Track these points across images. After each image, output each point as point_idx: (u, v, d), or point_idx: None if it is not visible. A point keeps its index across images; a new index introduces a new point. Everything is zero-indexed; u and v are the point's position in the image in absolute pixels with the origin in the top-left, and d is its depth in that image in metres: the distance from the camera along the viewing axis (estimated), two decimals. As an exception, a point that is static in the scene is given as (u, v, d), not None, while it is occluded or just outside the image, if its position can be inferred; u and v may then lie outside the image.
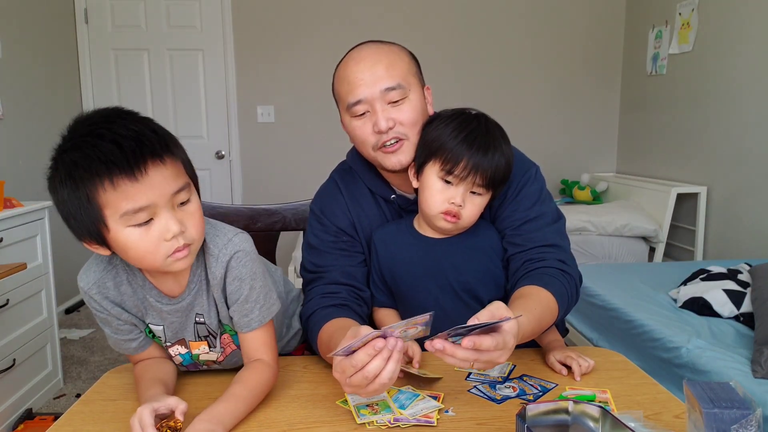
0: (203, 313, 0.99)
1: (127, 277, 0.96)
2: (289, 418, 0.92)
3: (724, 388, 0.69)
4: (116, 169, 0.78)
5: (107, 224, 0.82)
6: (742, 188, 3.09)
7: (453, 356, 0.80)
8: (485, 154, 1.05)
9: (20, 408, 2.33)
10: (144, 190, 0.80)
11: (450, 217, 1.08)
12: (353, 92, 1.10)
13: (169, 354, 1.04)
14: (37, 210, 2.45)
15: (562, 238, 1.16)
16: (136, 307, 0.98)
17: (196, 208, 0.88)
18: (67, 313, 3.67)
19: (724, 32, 3.20)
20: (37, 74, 3.43)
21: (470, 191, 1.08)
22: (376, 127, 1.09)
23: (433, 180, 1.09)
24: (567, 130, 4.38)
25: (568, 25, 4.25)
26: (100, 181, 0.78)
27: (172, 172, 0.84)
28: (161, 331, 1.00)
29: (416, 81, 1.14)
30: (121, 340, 1.00)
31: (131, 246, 0.83)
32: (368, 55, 1.12)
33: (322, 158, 4.35)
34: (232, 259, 0.95)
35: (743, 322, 2.03)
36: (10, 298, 2.25)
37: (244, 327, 0.99)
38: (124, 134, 0.80)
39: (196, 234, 0.88)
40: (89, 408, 0.96)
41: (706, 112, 3.35)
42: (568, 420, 0.77)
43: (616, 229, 3.41)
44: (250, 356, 1.01)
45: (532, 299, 1.02)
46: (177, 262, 0.86)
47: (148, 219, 0.82)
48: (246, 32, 4.08)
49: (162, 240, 0.83)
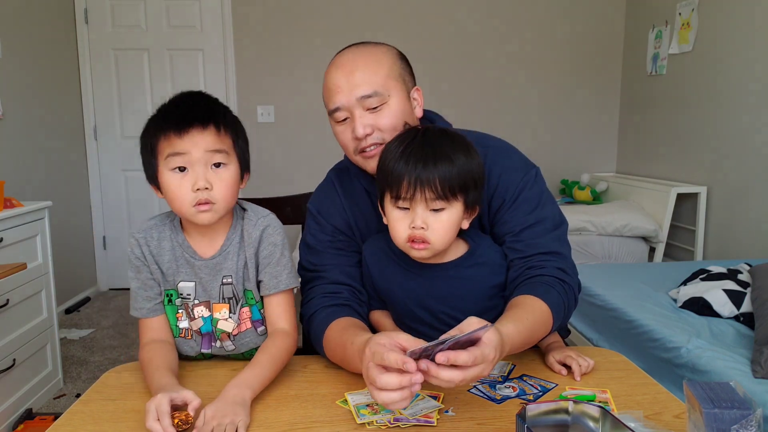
0: (231, 275, 1.10)
1: (171, 234, 1.11)
2: (289, 417, 0.92)
3: (724, 388, 0.69)
4: (169, 125, 1.01)
5: (158, 167, 1.03)
6: (742, 188, 3.09)
7: (437, 377, 0.79)
8: (425, 166, 0.98)
9: (20, 408, 2.33)
10: (183, 143, 1.01)
11: (417, 244, 1.01)
12: (332, 99, 1.11)
13: (188, 326, 1.13)
14: (37, 210, 2.45)
15: (562, 245, 1.14)
16: (170, 263, 1.11)
17: (229, 176, 1.04)
18: (67, 313, 3.67)
19: (724, 32, 3.20)
20: (37, 74, 3.42)
21: (430, 209, 1.00)
22: (353, 133, 1.10)
23: (390, 211, 1.04)
24: (567, 130, 4.38)
25: (568, 26, 4.25)
26: (156, 133, 1.03)
27: (211, 138, 1.02)
28: (192, 288, 1.11)
29: (398, 84, 1.12)
30: (141, 296, 1.11)
31: (168, 188, 1.03)
32: (347, 61, 1.11)
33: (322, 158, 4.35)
34: (268, 227, 1.11)
35: (743, 322, 2.03)
36: (10, 298, 2.25)
37: (272, 288, 1.11)
38: (185, 104, 1.05)
39: (220, 196, 1.03)
40: (89, 408, 0.97)
41: (706, 112, 3.35)
42: (568, 420, 0.77)
43: (616, 229, 3.41)
44: (273, 323, 1.11)
45: (524, 309, 1.00)
46: (200, 214, 1.03)
47: (183, 167, 1.01)
48: (246, 32, 4.08)
49: (190, 190, 1.01)
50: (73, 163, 3.89)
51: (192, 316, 1.12)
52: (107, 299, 4.00)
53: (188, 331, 1.14)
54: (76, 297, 3.86)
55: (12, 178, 2.97)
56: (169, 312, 1.13)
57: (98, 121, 4.07)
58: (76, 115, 3.96)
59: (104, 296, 4.08)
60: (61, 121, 3.72)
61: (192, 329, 1.13)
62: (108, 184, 4.14)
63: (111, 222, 4.17)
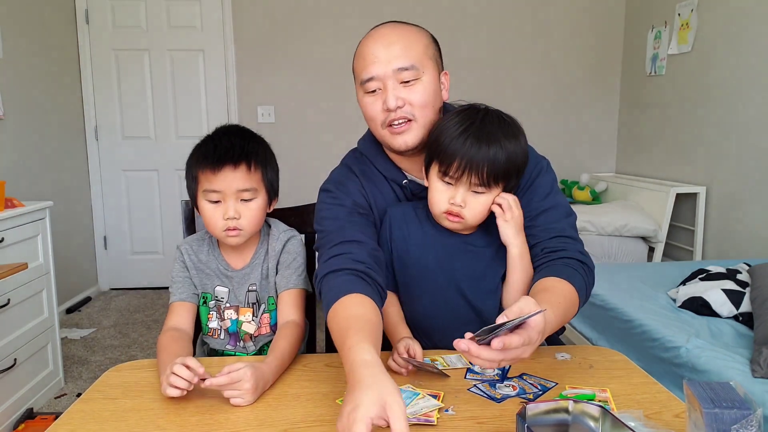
0: (256, 283, 1.28)
1: (209, 249, 1.31)
2: (290, 417, 0.92)
3: (724, 388, 0.70)
4: (207, 163, 1.19)
5: (197, 194, 1.22)
6: (741, 188, 3.09)
7: (479, 357, 0.81)
8: (478, 149, 1.04)
9: (21, 407, 2.33)
10: (217, 181, 1.18)
11: (453, 216, 1.09)
12: (367, 68, 1.12)
13: (216, 326, 1.30)
14: (38, 210, 2.45)
15: (577, 233, 1.18)
16: (209, 269, 1.29)
17: (256, 207, 1.22)
18: (68, 313, 3.67)
19: (723, 32, 3.20)
20: (38, 74, 3.43)
21: (471, 190, 1.08)
22: (385, 105, 1.11)
23: (434, 180, 1.11)
24: (566, 130, 4.38)
25: (567, 26, 4.25)
26: (198, 167, 1.20)
27: (242, 177, 1.18)
28: (226, 292, 1.29)
29: (432, 64, 1.14)
30: (178, 285, 1.28)
31: (204, 213, 1.22)
32: (386, 34, 1.14)
33: (322, 158, 4.36)
34: (289, 240, 1.30)
35: (742, 321, 2.04)
36: (11, 298, 2.25)
37: (284, 286, 1.26)
38: (222, 144, 1.20)
39: (246, 223, 1.21)
40: (89, 407, 0.97)
41: (706, 112, 3.36)
42: (568, 419, 0.77)
43: (616, 229, 3.42)
44: (284, 314, 1.23)
45: (556, 294, 1.02)
46: (229, 237, 1.21)
47: (217, 200, 1.20)
48: (246, 32, 4.08)
49: (222, 218, 1.19)
50: (74, 163, 3.89)
51: (222, 317, 1.29)
52: (108, 299, 4.00)
53: (216, 331, 1.30)
54: (77, 297, 3.86)
55: (13, 178, 2.97)
56: (203, 312, 1.30)
57: (99, 121, 4.07)
58: (77, 115, 3.96)
59: (105, 296, 4.08)
60: (61, 121, 3.72)
61: (222, 329, 1.30)
62: (109, 184, 4.14)
63: (112, 222, 4.17)
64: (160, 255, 4.22)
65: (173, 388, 0.94)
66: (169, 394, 0.95)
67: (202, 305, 1.30)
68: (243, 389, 0.94)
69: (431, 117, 1.14)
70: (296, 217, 1.50)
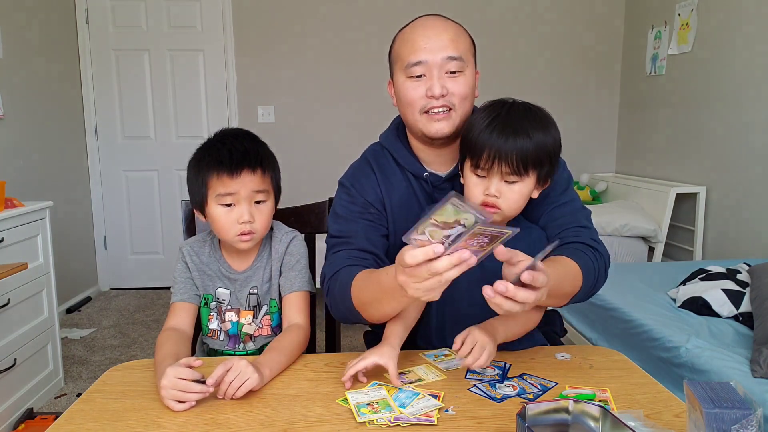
0: (257, 286, 1.28)
1: (210, 251, 1.31)
2: (290, 416, 0.92)
3: (724, 388, 0.70)
4: (223, 168, 1.17)
5: (207, 200, 1.20)
6: (741, 188, 3.09)
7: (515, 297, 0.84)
8: (506, 140, 1.06)
9: (21, 407, 2.33)
10: (234, 184, 1.18)
11: (489, 208, 1.11)
12: (416, 53, 1.14)
13: (217, 327, 1.30)
14: (38, 210, 2.45)
15: (591, 224, 1.22)
16: (210, 270, 1.29)
17: (268, 209, 1.23)
18: (68, 313, 3.67)
19: (723, 32, 3.20)
20: (38, 74, 3.42)
21: (504, 180, 1.09)
22: (429, 91, 1.13)
23: (468, 175, 1.13)
24: (566, 130, 4.32)
25: (567, 25, 4.25)
26: (210, 172, 1.19)
27: (258, 179, 1.20)
28: (228, 294, 1.29)
29: (472, 60, 1.20)
30: (179, 285, 1.28)
31: (216, 219, 1.21)
32: (437, 24, 1.18)
33: (322, 159, 4.37)
34: (292, 241, 1.30)
35: (742, 321, 2.04)
36: (11, 298, 2.25)
37: (289, 288, 1.26)
38: (237, 148, 1.20)
39: (260, 227, 1.22)
40: (89, 406, 0.97)
41: (705, 112, 3.36)
42: (569, 419, 0.77)
43: (616, 229, 3.42)
44: (289, 318, 1.24)
45: (554, 262, 1.07)
46: (241, 242, 1.22)
47: (230, 203, 1.19)
48: (246, 32, 4.08)
49: (235, 222, 1.19)
50: (74, 163, 3.89)
51: (223, 319, 1.29)
52: (108, 299, 4.00)
53: (216, 332, 1.30)
54: (77, 297, 3.86)
55: (13, 178, 2.97)
56: (203, 313, 1.30)
57: (99, 121, 4.07)
58: (77, 115, 3.96)
59: (105, 296, 4.08)
60: (62, 121, 3.72)
61: (221, 330, 1.30)
62: (109, 184, 4.14)
63: (112, 222, 4.17)
64: (160, 255, 4.22)
65: (178, 402, 0.95)
66: (176, 408, 0.94)
67: (203, 306, 1.30)
68: (239, 366, 0.96)
69: (467, 110, 1.18)
70: (296, 217, 1.50)
